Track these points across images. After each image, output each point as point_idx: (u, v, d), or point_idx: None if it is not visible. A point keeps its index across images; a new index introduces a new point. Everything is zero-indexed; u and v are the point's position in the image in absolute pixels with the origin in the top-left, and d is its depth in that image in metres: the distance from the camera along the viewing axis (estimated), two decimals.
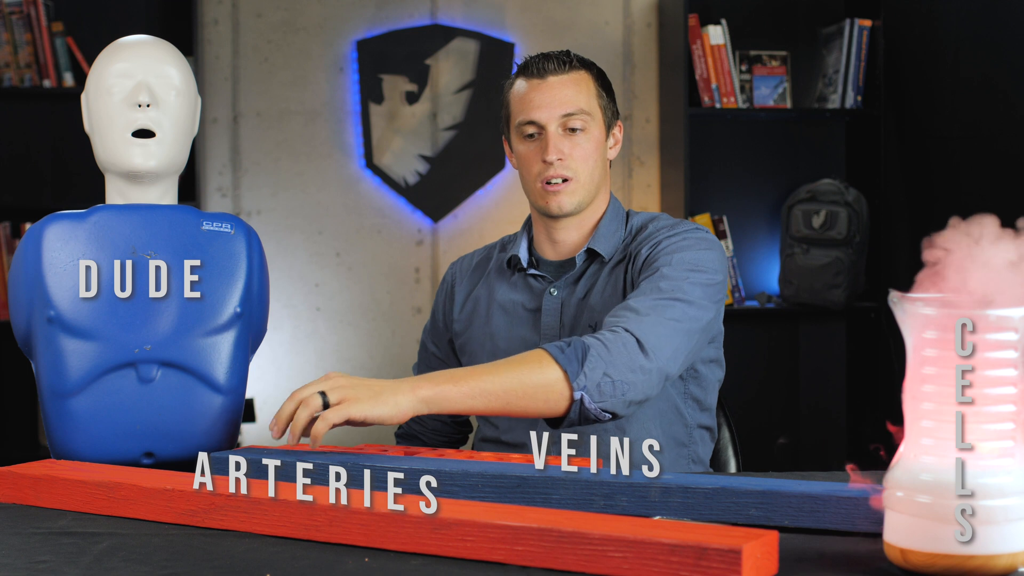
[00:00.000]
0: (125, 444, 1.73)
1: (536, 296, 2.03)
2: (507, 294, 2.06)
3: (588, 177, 1.98)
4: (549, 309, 2.00)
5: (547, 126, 1.97)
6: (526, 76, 2.00)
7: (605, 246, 2.01)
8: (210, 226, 1.80)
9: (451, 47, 4.14)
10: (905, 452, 1.15)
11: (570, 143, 1.97)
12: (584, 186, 1.98)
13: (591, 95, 1.99)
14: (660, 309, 1.79)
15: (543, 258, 2.06)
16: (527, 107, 1.99)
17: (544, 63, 1.99)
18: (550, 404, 1.68)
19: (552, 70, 1.98)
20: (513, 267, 2.07)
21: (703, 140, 4.14)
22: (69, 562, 1.27)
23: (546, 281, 2.03)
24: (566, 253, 2.04)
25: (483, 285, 2.11)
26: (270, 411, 4.10)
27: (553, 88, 1.97)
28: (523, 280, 2.06)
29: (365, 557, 1.27)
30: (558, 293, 2.01)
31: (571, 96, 1.97)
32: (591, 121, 1.98)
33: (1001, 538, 1.09)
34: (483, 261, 2.15)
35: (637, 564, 1.15)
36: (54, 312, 1.72)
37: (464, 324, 2.10)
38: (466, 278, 2.14)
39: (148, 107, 1.78)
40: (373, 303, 4.15)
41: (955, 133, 3.64)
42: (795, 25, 4.19)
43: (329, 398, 1.59)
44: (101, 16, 3.99)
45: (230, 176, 4.12)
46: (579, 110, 1.97)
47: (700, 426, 2.03)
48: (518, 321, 2.03)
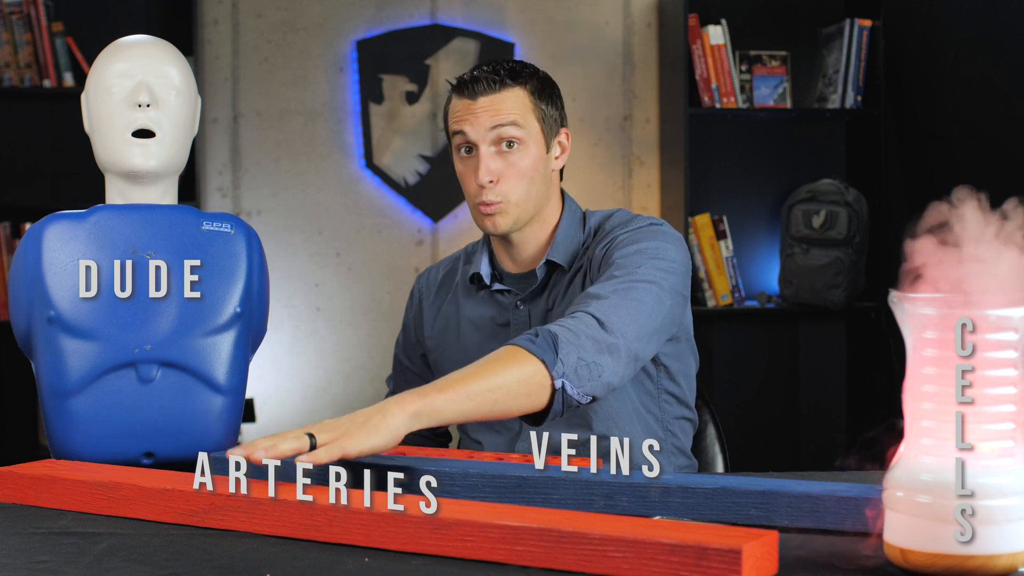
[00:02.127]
0: (125, 444, 1.73)
1: (504, 310, 2.02)
2: (476, 310, 2.05)
3: (524, 197, 1.94)
4: (517, 323, 2.00)
5: (479, 144, 1.94)
6: (458, 95, 1.97)
7: (563, 255, 1.98)
8: (210, 226, 1.80)
9: (451, 47, 4.14)
10: (905, 452, 1.15)
11: (504, 162, 1.93)
12: (519, 206, 1.94)
13: (525, 110, 1.94)
14: (621, 292, 1.76)
15: (505, 271, 2.04)
16: (458, 122, 1.95)
17: (474, 84, 1.94)
18: (532, 398, 1.63)
19: (482, 90, 1.93)
20: (478, 283, 2.06)
21: (703, 140, 4.14)
22: (69, 562, 1.27)
23: (512, 295, 2.02)
24: (526, 265, 2.02)
25: (451, 301, 2.09)
26: (270, 411, 4.10)
27: (483, 107, 1.93)
28: (489, 295, 2.05)
29: (365, 557, 1.27)
30: (524, 307, 2.00)
31: (502, 111, 1.92)
32: (526, 136, 1.93)
33: (1001, 538, 1.09)
34: (449, 275, 2.13)
35: (637, 564, 1.15)
36: (54, 312, 1.72)
37: (436, 341, 2.09)
38: (433, 293, 2.13)
39: (148, 107, 1.78)
40: (373, 303, 4.15)
41: (955, 133, 3.64)
42: (795, 25, 4.19)
43: (317, 438, 1.46)
44: (101, 16, 3.99)
45: (230, 176, 4.12)
46: (510, 122, 1.92)
47: (679, 418, 2.04)
48: (489, 335, 2.03)
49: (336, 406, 4.13)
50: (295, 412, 4.12)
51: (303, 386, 4.13)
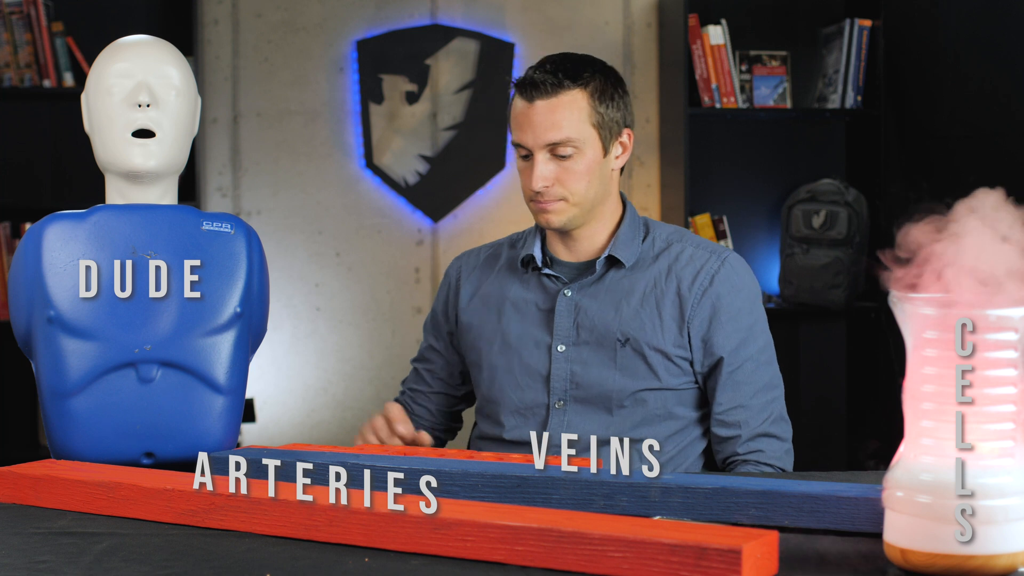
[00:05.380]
0: (125, 444, 1.73)
1: (550, 296, 2.03)
2: (519, 292, 2.05)
3: (582, 196, 1.95)
4: (563, 310, 2.00)
5: (534, 152, 1.94)
6: (520, 94, 1.96)
7: (626, 254, 2.00)
8: (210, 226, 1.80)
9: (451, 47, 4.14)
10: (905, 452, 1.15)
11: (558, 167, 1.94)
12: (577, 204, 1.96)
13: (582, 118, 1.93)
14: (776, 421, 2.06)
15: (557, 258, 2.05)
16: (517, 129, 1.96)
17: (532, 87, 1.93)
18: None
19: (540, 93, 1.92)
20: (527, 265, 2.07)
21: (703, 140, 4.14)
22: (69, 562, 1.27)
23: (560, 282, 2.02)
24: (583, 256, 2.03)
25: (493, 281, 2.09)
26: (270, 411, 4.10)
27: (540, 114, 1.92)
28: (536, 279, 2.05)
29: (365, 557, 1.27)
30: (572, 295, 2.00)
31: (558, 123, 1.92)
32: (583, 144, 1.93)
33: (1001, 538, 1.09)
34: (491, 258, 2.14)
35: (637, 564, 1.15)
36: (54, 312, 1.72)
37: (472, 318, 2.09)
38: (474, 273, 2.13)
39: (148, 107, 1.78)
40: (373, 303, 4.15)
41: (955, 133, 3.64)
42: (795, 25, 4.19)
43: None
44: (101, 16, 3.99)
45: (230, 176, 4.12)
46: (565, 139, 1.92)
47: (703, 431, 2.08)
48: (530, 320, 2.03)
49: (336, 406, 4.13)
50: (295, 412, 4.12)
51: (303, 386, 4.13)
